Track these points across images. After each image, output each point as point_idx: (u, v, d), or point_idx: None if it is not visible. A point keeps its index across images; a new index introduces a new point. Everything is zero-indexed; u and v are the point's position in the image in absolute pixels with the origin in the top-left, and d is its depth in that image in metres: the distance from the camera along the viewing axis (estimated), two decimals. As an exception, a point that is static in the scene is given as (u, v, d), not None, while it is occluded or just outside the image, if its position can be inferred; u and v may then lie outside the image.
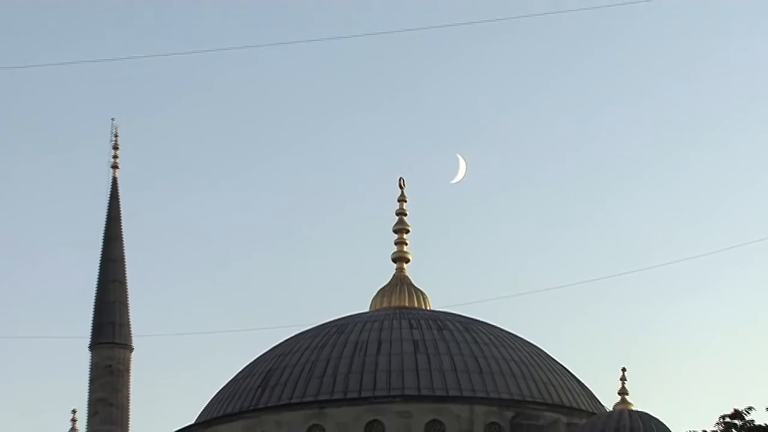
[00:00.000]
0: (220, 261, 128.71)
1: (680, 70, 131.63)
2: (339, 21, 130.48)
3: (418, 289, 76.68)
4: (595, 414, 68.12)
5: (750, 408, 44.65)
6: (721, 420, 44.38)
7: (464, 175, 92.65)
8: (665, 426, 62.90)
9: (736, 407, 44.76)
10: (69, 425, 70.73)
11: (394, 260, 77.36)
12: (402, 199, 77.48)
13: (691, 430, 45.72)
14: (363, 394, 68.30)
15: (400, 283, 76.63)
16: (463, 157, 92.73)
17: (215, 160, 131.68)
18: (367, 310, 76.04)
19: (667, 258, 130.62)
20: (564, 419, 67.66)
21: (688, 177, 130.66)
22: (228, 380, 73.92)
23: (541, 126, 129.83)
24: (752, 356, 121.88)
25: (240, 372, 73.70)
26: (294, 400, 68.72)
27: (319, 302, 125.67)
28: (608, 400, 67.72)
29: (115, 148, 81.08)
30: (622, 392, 65.22)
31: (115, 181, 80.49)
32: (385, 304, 75.65)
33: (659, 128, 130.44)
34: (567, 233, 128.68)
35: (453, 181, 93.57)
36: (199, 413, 73.59)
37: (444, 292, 76.06)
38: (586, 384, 72.97)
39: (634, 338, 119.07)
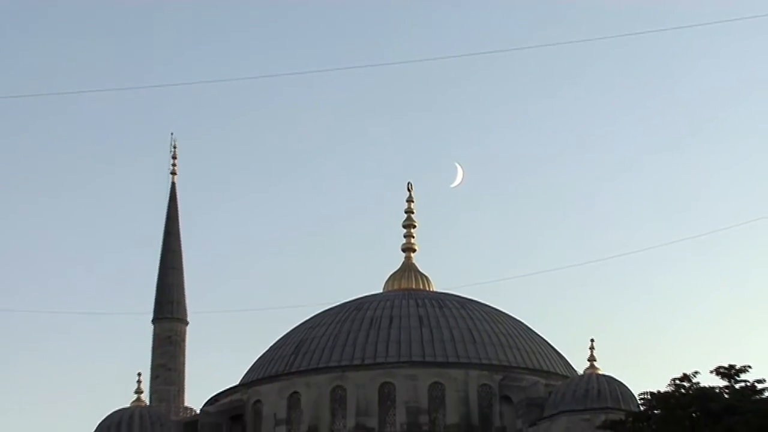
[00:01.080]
0: (259, 252, 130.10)
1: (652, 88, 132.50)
2: (362, 52, 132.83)
3: (423, 274, 76.87)
4: (569, 377, 68.57)
5: (696, 372, 44.48)
6: (673, 382, 44.26)
7: (462, 181, 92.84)
8: (626, 387, 63.38)
9: (686, 371, 44.76)
10: (135, 386, 70.97)
11: (404, 250, 77.66)
12: (410, 200, 77.84)
13: (647, 390, 45.63)
14: (377, 361, 68.91)
15: (408, 269, 76.93)
16: (461, 166, 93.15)
17: (256, 168, 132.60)
18: (380, 291, 76.28)
19: (631, 248, 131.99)
20: (543, 381, 67.68)
21: (650, 182, 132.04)
22: (266, 349, 74.23)
23: (526, 140, 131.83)
24: (700, 332, 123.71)
25: (276, 342, 74.01)
26: (320, 365, 69.29)
27: (341, 285, 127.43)
28: (580, 366, 68.72)
29: (174, 157, 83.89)
30: (591, 359, 66.45)
31: (173, 185, 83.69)
32: (395, 287, 76.00)
33: (634, 139, 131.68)
34: (547, 228, 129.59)
35: (452, 186, 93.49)
36: (242, 376, 73.88)
37: (444, 277, 76.71)
38: (561, 353, 73.35)
39: (602, 315, 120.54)
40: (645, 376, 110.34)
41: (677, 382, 44.11)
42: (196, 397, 78.43)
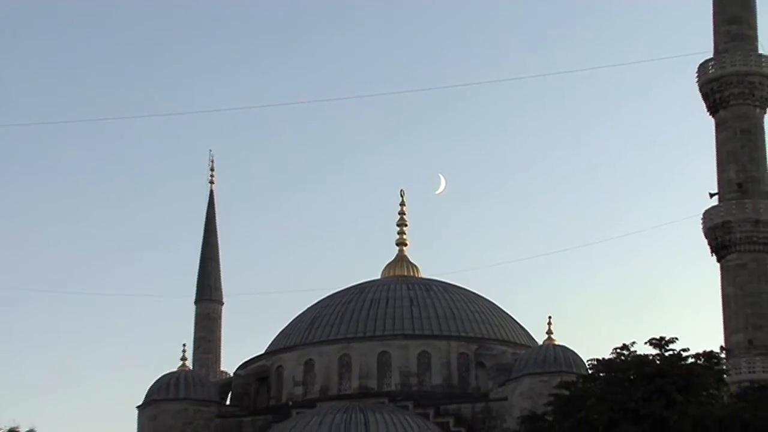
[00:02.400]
0: (280, 246, 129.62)
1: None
2: (366, 84, 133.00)
3: (413, 264, 76.70)
4: (531, 347, 68.88)
5: (633, 342, 43.82)
6: (614, 351, 43.55)
7: (444, 188, 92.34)
8: (577, 354, 63.63)
9: (625, 342, 44.16)
10: (181, 354, 70.92)
11: (397, 244, 77.31)
12: (402, 204, 77.56)
13: (594, 357, 44.98)
14: (376, 334, 69.26)
15: (401, 259, 76.69)
16: (444, 177, 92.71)
17: (278, 179, 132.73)
18: (378, 277, 76.11)
19: (579, 243, 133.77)
20: (510, 350, 68.18)
21: (598, 191, 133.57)
22: (286, 324, 74.40)
23: (497, 157, 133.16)
24: (637, 310, 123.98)
25: (294, 318, 74.25)
26: (330, 338, 69.64)
27: (346, 272, 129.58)
28: (540, 338, 68.98)
29: (212, 170, 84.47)
30: (549, 332, 66.60)
31: (211, 192, 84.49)
32: (390, 274, 75.85)
33: (585, 154, 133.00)
34: (514, 226, 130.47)
35: (437, 192, 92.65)
36: (266, 346, 73.97)
37: (431, 266, 76.63)
38: (525, 327, 73.69)
39: (558, 296, 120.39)
40: (592, 346, 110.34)
41: (618, 350, 43.49)
42: (230, 363, 78.66)
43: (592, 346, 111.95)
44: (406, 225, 77.41)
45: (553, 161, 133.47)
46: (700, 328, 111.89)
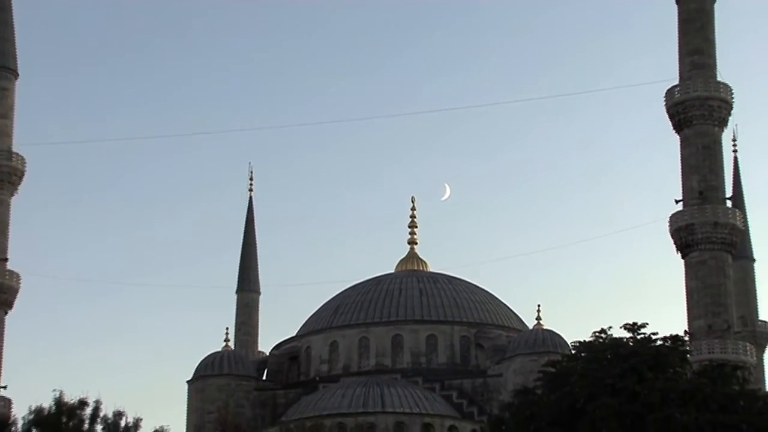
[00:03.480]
0: (310, 243, 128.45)
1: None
2: (381, 104, 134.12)
3: (422, 260, 76.58)
4: (522, 331, 69.22)
5: (610, 327, 42.57)
6: (594, 334, 42.60)
7: (449, 196, 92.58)
8: (562, 337, 63.94)
9: (603, 327, 42.70)
10: (224, 336, 71.49)
11: (409, 243, 77.29)
12: (413, 209, 77.48)
13: (576, 340, 44.04)
14: (390, 319, 69.55)
15: (412, 256, 76.62)
16: (449, 186, 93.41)
17: (309, 187, 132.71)
18: (393, 271, 75.92)
19: (564, 243, 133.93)
20: (504, 334, 68.34)
21: (587, 194, 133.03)
22: (313, 311, 74.50)
23: (492, 172, 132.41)
24: (613, 301, 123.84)
25: (320, 306, 74.38)
26: (352, 323, 69.96)
27: (365, 267, 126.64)
28: (530, 323, 69.37)
29: (251, 180, 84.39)
30: (538, 318, 67.40)
31: (251, 199, 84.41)
32: (403, 268, 75.75)
33: (563, 169, 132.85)
34: (507, 227, 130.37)
35: (443, 199, 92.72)
36: (297, 329, 74.05)
37: (437, 262, 76.64)
38: (518, 314, 73.58)
39: (548, 287, 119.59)
40: (575, 331, 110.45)
41: (597, 334, 42.71)
42: (266, 344, 78.37)
43: (575, 330, 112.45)
44: (416, 226, 77.40)
45: (542, 176, 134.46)
46: (667, 315, 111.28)
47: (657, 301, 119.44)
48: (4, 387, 58.79)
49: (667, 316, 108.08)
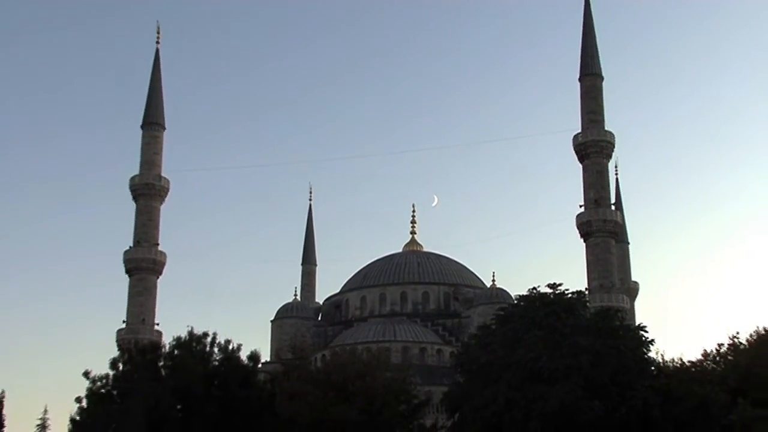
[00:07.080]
0: (350, 231, 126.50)
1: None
2: (392, 142, 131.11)
3: (419, 243, 75.32)
4: (483, 288, 68.02)
5: (539, 285, 39.34)
6: (529, 290, 39.37)
7: (438, 203, 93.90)
8: (509, 293, 62.12)
9: (534, 285, 39.57)
10: (293, 292, 71.08)
11: (411, 233, 76.13)
12: (413, 211, 77.14)
13: (518, 294, 40.85)
14: (399, 281, 68.75)
15: (413, 241, 75.48)
16: (437, 196, 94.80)
17: (350, 196, 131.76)
18: (400, 251, 74.73)
19: (514, 230, 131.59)
20: (472, 291, 67.59)
21: (525, 201, 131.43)
22: (349, 276, 73.75)
23: (470, 190, 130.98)
24: (546, 268, 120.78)
25: (354, 273, 73.64)
26: (375, 284, 69.30)
27: (384, 247, 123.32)
28: (489, 284, 67.90)
29: (310, 191, 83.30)
30: (493, 281, 66.82)
31: (310, 207, 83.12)
32: (406, 249, 74.66)
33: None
34: (475, 222, 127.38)
35: (433, 205, 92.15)
36: (340, 288, 73.12)
37: (429, 244, 76.34)
38: (481, 278, 72.15)
39: (501, 261, 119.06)
40: (517, 288, 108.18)
41: (531, 290, 39.78)
42: (320, 297, 78.30)
43: (518, 288, 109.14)
44: (415, 222, 76.80)
45: (498, 190, 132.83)
46: (574, 278, 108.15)
47: (568, 269, 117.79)
48: (157, 324, 58.95)
49: (575, 279, 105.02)
